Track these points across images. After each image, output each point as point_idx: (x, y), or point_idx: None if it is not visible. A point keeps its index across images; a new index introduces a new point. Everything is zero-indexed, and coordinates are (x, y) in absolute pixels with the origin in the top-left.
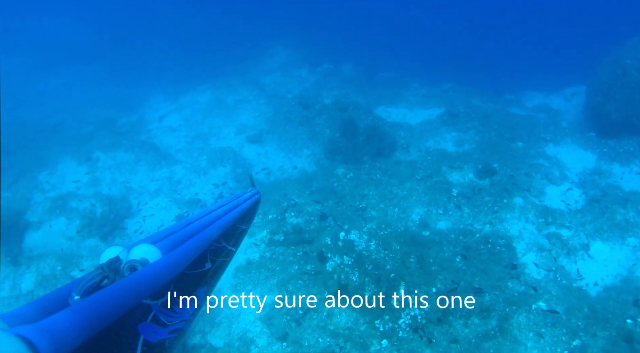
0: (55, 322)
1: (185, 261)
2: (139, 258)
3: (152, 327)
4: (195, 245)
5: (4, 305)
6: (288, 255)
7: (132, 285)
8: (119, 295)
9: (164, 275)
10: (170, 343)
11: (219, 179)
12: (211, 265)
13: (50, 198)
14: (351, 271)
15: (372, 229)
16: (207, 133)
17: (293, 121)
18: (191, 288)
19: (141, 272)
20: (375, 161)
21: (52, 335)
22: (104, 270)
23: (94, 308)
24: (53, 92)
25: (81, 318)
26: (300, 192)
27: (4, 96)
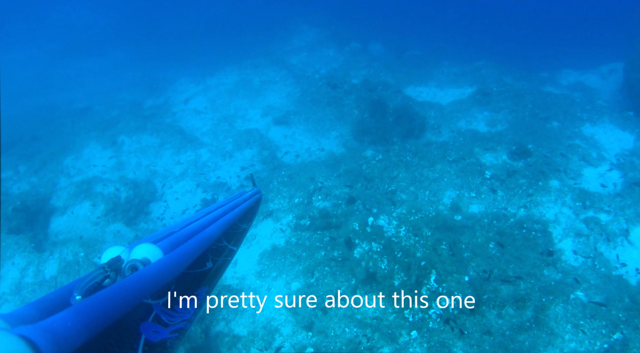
0: (57, 321)
1: (187, 261)
2: (140, 257)
3: (153, 326)
4: (197, 245)
5: (28, 291)
6: (314, 240)
7: (134, 285)
8: (121, 294)
9: (166, 275)
10: (172, 343)
11: (244, 162)
12: (212, 265)
13: (76, 183)
14: (380, 259)
15: (402, 214)
16: (233, 114)
17: (321, 102)
18: (192, 287)
19: (143, 272)
20: (405, 142)
21: (53, 335)
22: (106, 270)
23: (95, 308)
24: (81, 77)
25: (83, 318)
26: (328, 175)
27: (33, 82)
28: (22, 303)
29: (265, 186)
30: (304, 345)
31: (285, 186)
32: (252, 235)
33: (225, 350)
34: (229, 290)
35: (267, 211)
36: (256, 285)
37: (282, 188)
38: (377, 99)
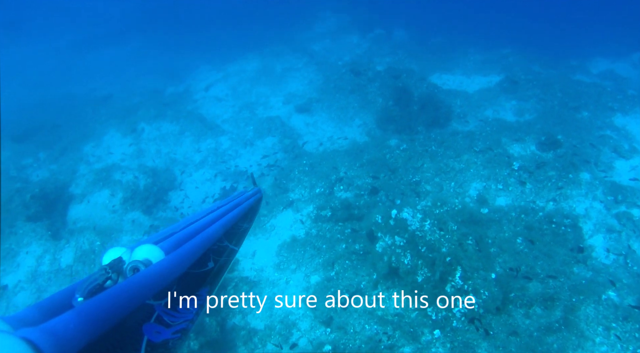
0: (59, 323)
1: (188, 261)
2: (141, 258)
3: (155, 327)
4: (198, 245)
5: (43, 280)
6: (335, 232)
7: (136, 286)
8: (123, 296)
9: (167, 276)
10: (174, 343)
11: (265, 150)
12: (214, 265)
13: (95, 171)
14: (403, 254)
15: (426, 207)
16: (254, 102)
17: (344, 89)
18: (194, 288)
19: (144, 273)
20: (430, 131)
21: (56, 337)
22: (107, 271)
23: (97, 310)
24: (102, 67)
25: (85, 320)
26: (351, 164)
27: (55, 72)
28: (37, 291)
29: (285, 175)
30: (321, 341)
31: (307, 176)
32: (272, 225)
33: (241, 344)
34: (247, 282)
35: (287, 201)
36: (274, 277)
37: (303, 177)
38: (401, 86)
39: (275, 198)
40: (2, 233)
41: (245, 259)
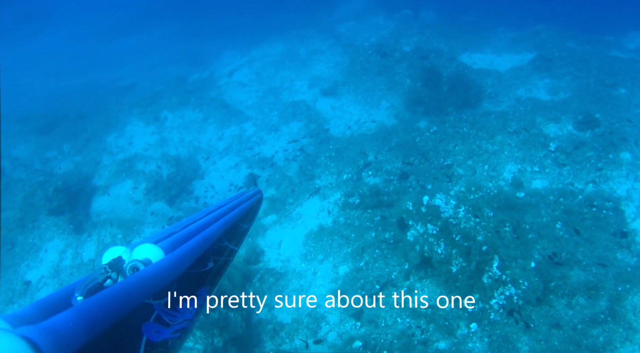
0: (59, 322)
1: (188, 261)
2: (141, 258)
3: (155, 326)
4: (198, 245)
5: (66, 275)
6: (364, 220)
7: (135, 285)
8: (122, 295)
9: (167, 275)
10: (174, 343)
11: (291, 135)
12: (213, 265)
13: (117, 161)
14: (436, 242)
15: (460, 192)
16: (279, 86)
17: (370, 71)
18: (194, 287)
19: (144, 272)
20: (460, 112)
21: (55, 336)
22: (107, 270)
23: (97, 309)
24: (127, 55)
25: (84, 319)
26: (379, 148)
27: (80, 61)
28: (60, 286)
29: (311, 161)
30: (351, 335)
31: (333, 161)
32: (298, 214)
33: (268, 339)
34: (273, 274)
35: (313, 189)
36: (301, 268)
37: (329, 163)
38: (430, 67)
39: (301, 186)
40: (25, 227)
41: (271, 249)
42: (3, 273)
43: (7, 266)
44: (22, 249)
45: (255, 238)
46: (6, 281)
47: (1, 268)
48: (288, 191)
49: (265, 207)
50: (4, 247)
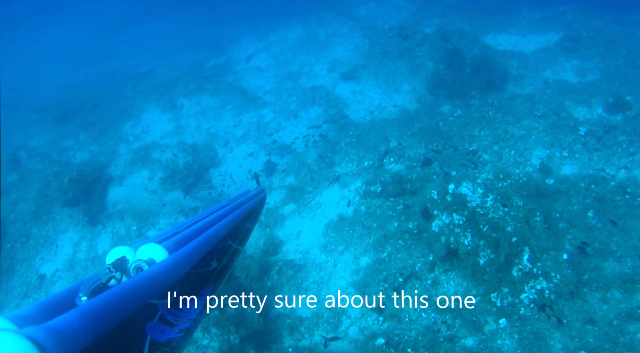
0: (63, 322)
1: (192, 261)
2: (145, 258)
3: (159, 326)
4: (201, 244)
5: (80, 268)
6: (386, 208)
7: (139, 285)
8: (126, 295)
9: (171, 275)
10: (178, 342)
11: (310, 121)
12: (217, 264)
13: (133, 150)
14: (462, 233)
15: (487, 180)
16: (298, 71)
17: (391, 54)
18: (198, 287)
19: (148, 272)
20: (485, 96)
21: (59, 336)
22: (111, 270)
23: (101, 309)
24: (144, 42)
25: (88, 319)
26: (401, 134)
27: (97, 50)
28: (75, 280)
29: (331, 148)
30: (374, 331)
31: (354, 148)
32: (317, 203)
33: (286, 334)
34: (292, 266)
35: (333, 176)
36: (321, 260)
37: (350, 149)
38: (452, 49)
39: (320, 173)
40: (40, 219)
41: (289, 240)
42: (18, 266)
43: (22, 260)
44: (37, 242)
45: (274, 229)
46: (21, 275)
47: (16, 262)
48: (307, 179)
49: (284, 196)
50: (19, 240)
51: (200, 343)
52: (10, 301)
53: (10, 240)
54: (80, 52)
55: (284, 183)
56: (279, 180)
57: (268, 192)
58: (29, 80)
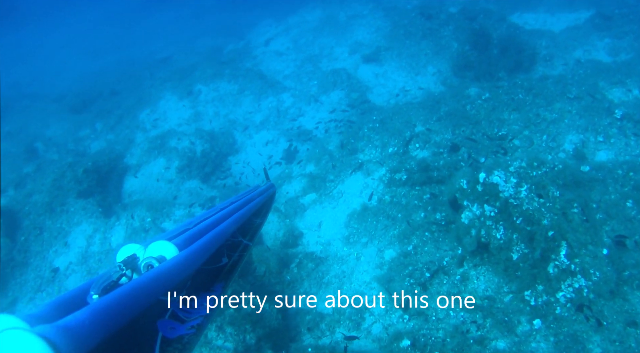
0: (75, 320)
1: (202, 257)
2: (156, 255)
3: (170, 323)
4: (211, 241)
5: (94, 261)
6: (412, 198)
7: (150, 282)
8: (137, 292)
9: (181, 272)
10: (189, 338)
11: (331, 105)
12: (228, 260)
13: (149, 139)
14: (494, 226)
15: (521, 168)
16: (318, 54)
17: (414, 35)
18: (209, 283)
19: (158, 269)
20: (513, 77)
21: (71, 334)
22: (122, 268)
23: (112, 306)
24: (163, 29)
25: (100, 317)
26: (426, 118)
27: (116, 37)
28: (88, 273)
29: (354, 133)
30: (398, 330)
31: (377, 133)
32: (339, 192)
33: (306, 331)
34: (312, 259)
35: (356, 164)
36: (343, 252)
37: (373, 135)
38: (478, 29)
39: (342, 161)
40: (54, 211)
41: (310, 232)
42: (32, 259)
43: (36, 253)
44: (51, 234)
45: (294, 219)
46: (35, 268)
47: (30, 255)
48: (329, 167)
49: (304, 185)
50: (33, 233)
51: (214, 344)
52: (23, 295)
53: (24, 233)
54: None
55: (304, 171)
56: (299, 168)
57: (288, 180)
58: (48, 70)
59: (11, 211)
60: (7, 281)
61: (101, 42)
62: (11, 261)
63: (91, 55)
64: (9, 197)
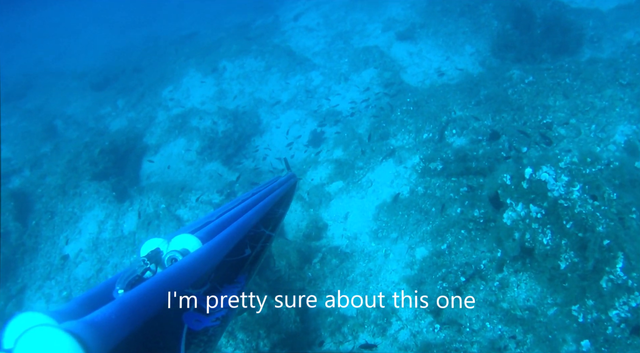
0: (101, 315)
1: (225, 249)
2: (179, 248)
3: (195, 315)
4: (234, 232)
5: (105, 249)
6: (447, 190)
7: (174, 276)
8: (162, 286)
9: (205, 264)
10: (215, 330)
11: (362, 85)
12: (251, 251)
13: (171, 117)
14: (541, 230)
15: (572, 164)
16: (350, 30)
17: (452, 12)
18: (232, 275)
19: (182, 262)
20: (557, 60)
21: (99, 329)
22: (146, 263)
23: (138, 300)
24: (190, 4)
25: (126, 311)
26: (464, 102)
27: (142, 13)
28: (99, 262)
29: (386, 116)
30: (427, 341)
31: (411, 117)
32: (368, 180)
33: (327, 334)
34: (337, 254)
35: (387, 150)
36: (370, 248)
37: (406, 119)
38: (520, 6)
39: (373, 146)
40: (67, 194)
41: (335, 224)
42: (42, 245)
43: (47, 238)
44: (62, 219)
45: (318, 209)
46: (45, 254)
47: (41, 240)
48: (357, 153)
49: (331, 171)
50: (44, 217)
51: (223, 352)
52: (32, 283)
53: (35, 217)
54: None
55: (331, 156)
56: (326, 152)
57: (313, 166)
58: (74, 46)
59: (24, 194)
60: (17, 267)
61: (129, 18)
62: (22, 246)
63: (118, 31)
64: (24, 178)
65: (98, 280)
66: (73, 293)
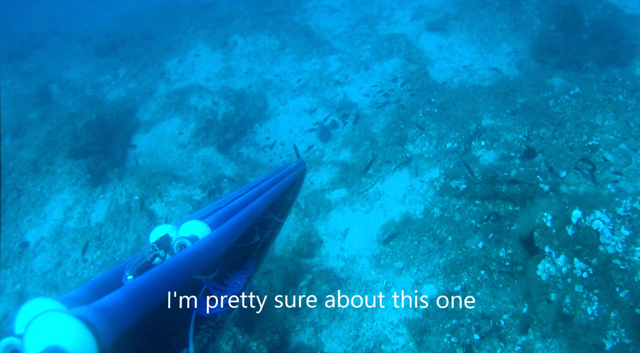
0: (111, 301)
1: (234, 236)
2: (188, 235)
3: (204, 301)
4: (243, 219)
5: (67, 240)
6: (469, 215)
7: (183, 262)
8: (171, 272)
9: (214, 250)
10: (223, 316)
11: (383, 76)
12: (260, 238)
13: (169, 93)
14: (586, 295)
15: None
16: (376, 15)
17: (491, 5)
18: (241, 261)
19: (191, 248)
20: (605, 70)
21: (108, 314)
22: (155, 249)
23: (147, 286)
24: None
25: (135, 297)
26: (497, 109)
27: None
28: (59, 254)
29: (405, 116)
30: None
31: (434, 120)
32: (377, 192)
33: None
34: (328, 280)
35: (402, 157)
36: (370, 277)
37: (429, 122)
38: (568, 5)
39: (386, 150)
40: (38, 171)
41: (332, 240)
42: (4, 227)
43: (10, 220)
44: (28, 199)
45: (314, 220)
46: (5, 238)
47: (4, 221)
48: (368, 157)
49: (334, 176)
50: (10, 195)
51: None
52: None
53: (2, 193)
54: None
55: (337, 156)
56: (332, 151)
57: (317, 166)
58: (89, 7)
59: None
60: None
61: None
62: None
63: None
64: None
65: (55, 276)
66: (27, 287)
